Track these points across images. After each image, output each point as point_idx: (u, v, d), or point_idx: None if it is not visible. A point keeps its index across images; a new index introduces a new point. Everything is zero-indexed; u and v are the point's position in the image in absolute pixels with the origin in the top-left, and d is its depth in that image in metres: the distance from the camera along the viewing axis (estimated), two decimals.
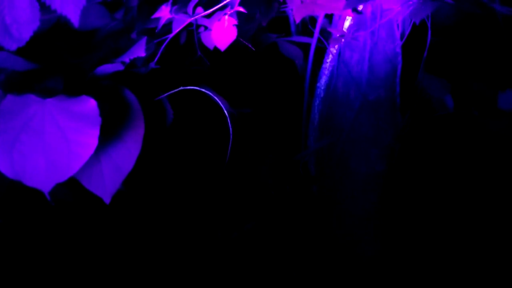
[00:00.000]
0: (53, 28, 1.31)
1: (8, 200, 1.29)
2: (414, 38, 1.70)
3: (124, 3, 1.37)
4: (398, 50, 1.74)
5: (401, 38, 1.73)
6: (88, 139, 1.10)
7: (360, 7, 1.71)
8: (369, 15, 1.74)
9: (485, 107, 1.57)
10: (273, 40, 1.69)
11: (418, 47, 1.72)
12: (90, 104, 1.12)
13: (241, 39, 1.51)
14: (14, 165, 1.08)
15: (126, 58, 1.23)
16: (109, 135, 1.18)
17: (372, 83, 1.72)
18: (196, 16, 1.30)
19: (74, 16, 1.14)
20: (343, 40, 1.74)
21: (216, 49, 1.39)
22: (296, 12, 1.33)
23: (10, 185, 1.20)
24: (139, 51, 1.22)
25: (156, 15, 1.27)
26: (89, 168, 1.15)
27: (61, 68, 1.31)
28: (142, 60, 1.32)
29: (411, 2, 1.52)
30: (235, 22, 1.37)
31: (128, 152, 1.21)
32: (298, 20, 1.36)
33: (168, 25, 1.34)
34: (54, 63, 1.31)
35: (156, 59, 1.30)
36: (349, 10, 1.74)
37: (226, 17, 1.36)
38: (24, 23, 1.13)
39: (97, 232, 1.36)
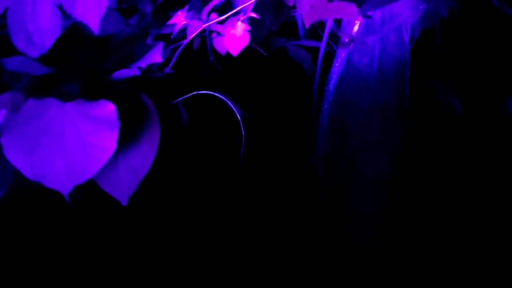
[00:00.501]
0: (67, 33, 1.36)
1: (23, 200, 1.34)
2: (422, 42, 1.75)
3: (139, 10, 1.42)
4: (407, 54, 1.80)
5: (410, 42, 1.78)
6: (107, 142, 1.15)
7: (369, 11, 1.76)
8: (378, 19, 1.79)
9: (492, 111, 1.62)
10: (282, 44, 1.75)
11: (425, 51, 1.77)
12: (108, 108, 1.18)
13: (252, 44, 1.56)
14: (34, 167, 1.13)
15: (143, 64, 1.28)
16: (126, 138, 1.23)
17: (381, 87, 1.77)
18: (210, 22, 1.35)
19: (94, 24, 1.19)
20: (352, 44, 1.80)
21: (228, 54, 1.44)
22: (306, 17, 1.38)
23: (24, 183, 1.26)
24: (156, 57, 1.28)
25: (172, 21, 1.32)
26: (107, 171, 1.20)
27: (77, 72, 1.37)
28: (157, 65, 1.37)
29: (421, 7, 1.57)
30: (247, 28, 1.43)
31: (144, 155, 1.26)
32: (307, 25, 1.41)
33: (182, 30, 1.40)
34: (69, 67, 1.37)
35: (171, 64, 1.35)
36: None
37: (239, 23, 1.41)
38: (46, 31, 1.18)
39: (112, 232, 1.41)
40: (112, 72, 1.30)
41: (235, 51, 1.42)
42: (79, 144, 1.14)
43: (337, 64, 1.84)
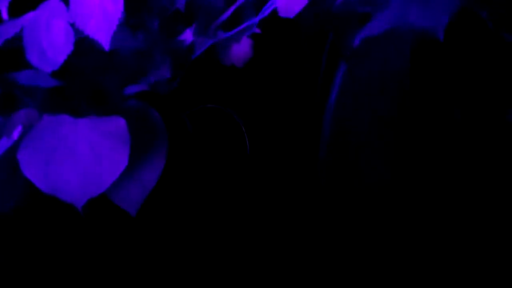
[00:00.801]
0: (75, 47, 1.42)
1: (33, 212, 1.40)
2: (423, 52, 1.81)
3: (145, 24, 1.48)
4: (408, 67, 1.86)
5: (411, 54, 1.84)
6: (119, 156, 1.21)
7: None
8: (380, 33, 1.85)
9: (493, 120, 1.68)
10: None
11: (426, 61, 1.83)
12: (120, 124, 1.24)
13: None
14: (49, 182, 1.19)
15: (152, 79, 1.34)
16: (135, 151, 1.29)
17: (382, 99, 1.83)
18: (217, 39, 1.42)
19: (105, 41, 1.25)
20: (353, 57, 1.86)
21: (232, 66, 1.51)
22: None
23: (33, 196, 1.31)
24: (165, 72, 1.34)
25: (181, 37, 1.39)
26: (117, 183, 1.26)
27: (84, 85, 1.42)
28: (165, 79, 1.43)
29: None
30: (251, 42, 1.50)
31: (152, 167, 1.32)
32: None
33: (189, 46, 1.46)
34: (77, 80, 1.42)
35: (178, 79, 1.41)
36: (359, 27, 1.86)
37: (245, 38, 1.48)
38: (59, 47, 1.24)
39: (121, 240, 1.47)
40: (121, 86, 1.36)
41: (240, 63, 1.49)
42: (92, 159, 1.20)
43: (339, 76, 1.90)
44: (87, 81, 1.35)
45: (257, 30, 1.46)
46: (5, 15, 1.25)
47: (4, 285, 1.40)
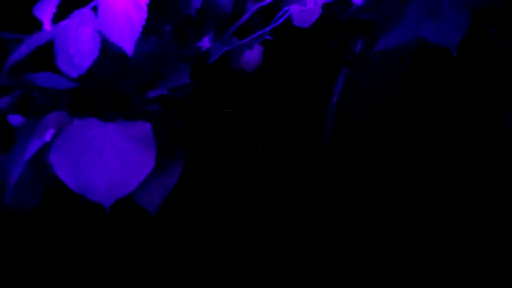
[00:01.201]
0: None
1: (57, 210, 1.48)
2: (423, 58, 1.91)
3: (165, 31, 1.56)
4: (408, 70, 1.95)
5: (412, 59, 1.93)
6: (146, 159, 1.30)
7: None
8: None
9: (491, 128, 1.79)
10: None
11: (426, 67, 1.93)
12: (146, 128, 1.32)
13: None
14: (79, 182, 1.27)
15: (172, 84, 1.43)
16: (156, 154, 1.38)
17: (383, 104, 1.93)
18: (232, 46, 1.51)
19: (129, 47, 1.33)
20: (355, 62, 1.96)
21: (243, 71, 1.60)
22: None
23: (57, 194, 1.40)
24: (184, 78, 1.43)
25: (199, 44, 1.48)
26: (139, 184, 1.35)
27: (104, 89, 1.51)
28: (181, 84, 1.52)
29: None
30: (262, 49, 1.59)
31: (172, 169, 1.41)
32: None
33: (204, 52, 1.55)
34: (97, 84, 1.51)
35: (194, 83, 1.50)
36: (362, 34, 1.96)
37: (257, 45, 1.57)
38: (86, 53, 1.33)
39: (140, 237, 1.55)
40: (141, 91, 1.44)
41: (251, 69, 1.58)
42: (119, 162, 1.29)
43: (340, 80, 1.99)
44: (108, 84, 1.43)
45: (269, 37, 1.55)
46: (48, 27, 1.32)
47: (26, 279, 1.47)
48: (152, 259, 1.54)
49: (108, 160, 1.28)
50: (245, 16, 1.50)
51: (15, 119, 1.43)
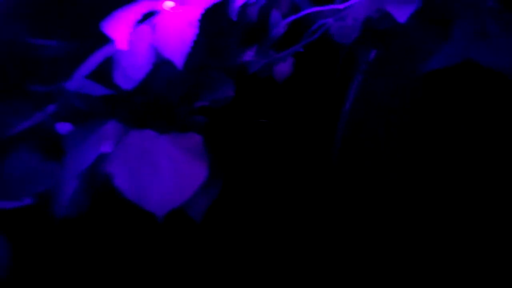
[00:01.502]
0: None
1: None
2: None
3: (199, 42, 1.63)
4: (420, 78, 2.04)
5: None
6: (198, 170, 1.37)
7: None
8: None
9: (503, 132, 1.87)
10: None
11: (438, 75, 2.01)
12: (197, 139, 1.40)
13: None
14: (135, 192, 1.34)
15: (216, 96, 1.50)
16: None
17: (396, 111, 2.02)
18: (270, 59, 1.59)
19: (179, 61, 1.40)
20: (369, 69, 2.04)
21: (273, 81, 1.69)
22: None
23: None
24: (229, 90, 1.50)
25: (244, 58, 1.55)
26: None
27: (148, 99, 1.57)
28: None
29: None
30: (293, 60, 1.68)
31: (216, 177, 1.49)
32: None
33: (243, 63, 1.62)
34: (142, 94, 1.56)
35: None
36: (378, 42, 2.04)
37: (289, 58, 1.66)
38: (140, 67, 1.39)
39: (187, 242, 1.62)
40: (183, 101, 1.51)
41: (281, 79, 1.66)
42: (174, 173, 1.36)
43: (353, 87, 2.07)
44: (156, 96, 1.49)
45: (301, 49, 1.63)
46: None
47: (75, 282, 1.54)
48: (197, 258, 1.62)
49: (163, 171, 1.35)
50: (281, 30, 1.57)
51: (63, 127, 1.49)
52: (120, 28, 1.31)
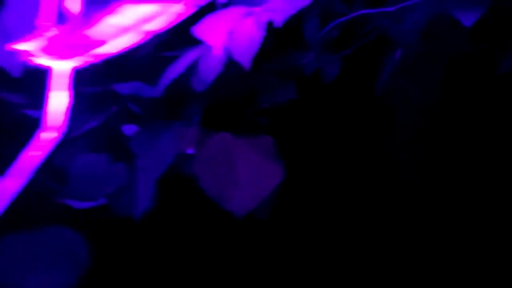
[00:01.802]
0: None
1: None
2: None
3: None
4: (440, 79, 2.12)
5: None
6: (275, 171, 1.43)
7: None
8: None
9: None
10: None
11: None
12: (269, 141, 1.46)
13: None
14: (216, 192, 1.40)
15: (279, 99, 1.56)
16: None
17: (423, 112, 2.10)
18: (323, 63, 1.66)
19: (246, 62, 1.45)
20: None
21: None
22: None
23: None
24: (291, 93, 1.56)
25: (302, 60, 1.61)
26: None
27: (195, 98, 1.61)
28: None
29: None
30: (341, 63, 1.75)
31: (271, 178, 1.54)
32: None
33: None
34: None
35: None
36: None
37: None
38: (211, 71, 1.44)
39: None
40: (246, 104, 1.57)
41: (329, 80, 1.73)
42: (251, 174, 1.42)
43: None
44: (226, 98, 1.55)
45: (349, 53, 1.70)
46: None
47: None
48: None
49: (241, 172, 1.41)
50: (335, 33, 1.64)
51: (129, 129, 1.53)
52: (215, 33, 1.36)
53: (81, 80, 1.66)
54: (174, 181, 1.45)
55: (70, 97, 1.11)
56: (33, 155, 1.06)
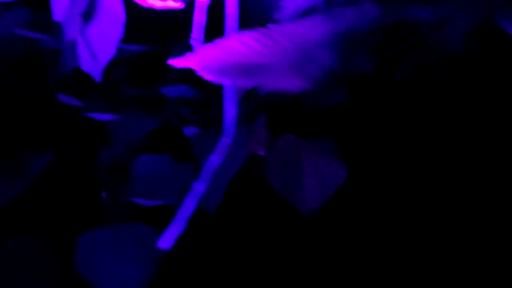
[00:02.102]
0: None
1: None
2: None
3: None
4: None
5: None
6: (338, 171, 1.52)
7: None
8: None
9: None
10: None
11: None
12: (330, 142, 1.55)
13: None
14: (285, 191, 1.49)
15: (330, 102, 1.65)
16: None
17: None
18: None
19: None
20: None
21: None
22: None
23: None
24: (343, 97, 1.66)
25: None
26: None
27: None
28: None
29: None
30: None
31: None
32: None
33: None
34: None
35: None
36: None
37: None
38: None
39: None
40: (298, 106, 1.66)
41: None
42: (316, 174, 1.51)
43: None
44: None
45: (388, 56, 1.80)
46: None
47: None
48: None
49: (306, 172, 1.49)
50: (381, 35, 1.73)
51: (189, 131, 1.61)
52: None
53: (127, 83, 1.73)
54: (242, 179, 1.52)
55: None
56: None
